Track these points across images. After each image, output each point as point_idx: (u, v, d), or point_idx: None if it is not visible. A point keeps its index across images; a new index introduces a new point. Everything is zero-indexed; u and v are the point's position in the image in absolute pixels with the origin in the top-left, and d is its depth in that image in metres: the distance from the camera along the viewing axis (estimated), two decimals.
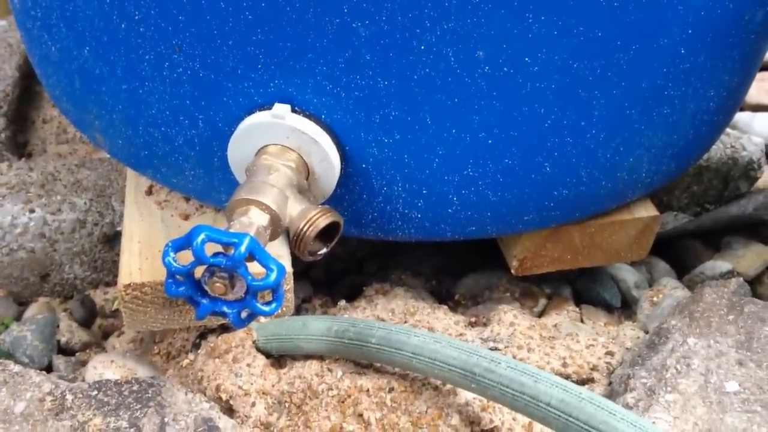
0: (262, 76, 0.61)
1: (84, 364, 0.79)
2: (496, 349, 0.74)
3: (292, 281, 0.72)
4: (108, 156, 0.94)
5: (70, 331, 0.82)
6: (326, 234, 0.61)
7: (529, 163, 0.66)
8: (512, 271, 0.80)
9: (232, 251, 0.52)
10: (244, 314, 0.57)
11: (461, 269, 0.91)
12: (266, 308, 0.55)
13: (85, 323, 0.87)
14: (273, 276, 0.53)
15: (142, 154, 0.72)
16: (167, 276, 0.55)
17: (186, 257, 0.55)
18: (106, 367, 0.74)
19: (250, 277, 0.53)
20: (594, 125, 0.65)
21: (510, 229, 0.73)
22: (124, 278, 0.69)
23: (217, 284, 0.54)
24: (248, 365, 0.69)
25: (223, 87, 0.62)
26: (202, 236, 0.51)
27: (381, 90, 0.60)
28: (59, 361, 0.79)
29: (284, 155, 0.62)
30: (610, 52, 0.60)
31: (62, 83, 0.74)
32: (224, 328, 0.76)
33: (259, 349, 0.71)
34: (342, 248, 0.94)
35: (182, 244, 0.53)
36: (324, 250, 0.61)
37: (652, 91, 0.65)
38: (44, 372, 0.65)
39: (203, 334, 0.77)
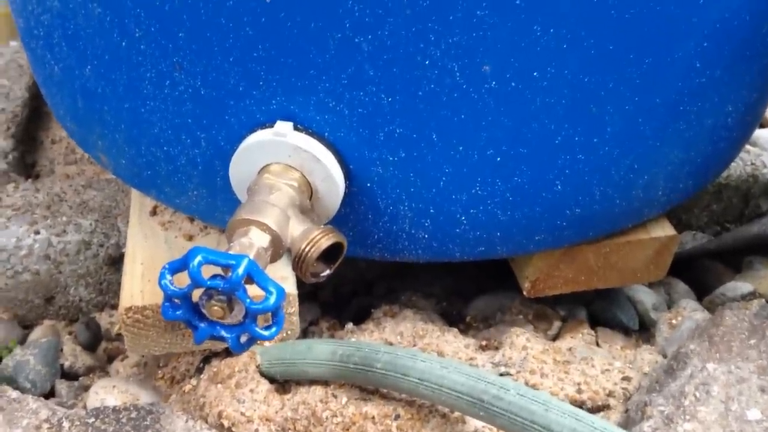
0: (264, 93, 0.59)
1: (87, 389, 0.78)
2: (507, 374, 0.71)
3: (296, 304, 0.70)
4: (115, 176, 0.93)
5: (73, 355, 0.81)
6: (330, 255, 0.59)
7: (539, 181, 0.64)
8: (525, 293, 0.78)
9: (230, 273, 0.50)
10: (243, 339, 0.55)
11: (473, 291, 0.89)
12: (266, 332, 0.53)
13: (90, 347, 0.85)
14: (272, 299, 0.51)
15: (146, 174, 0.71)
16: (164, 299, 0.53)
17: (184, 280, 0.53)
18: (108, 393, 0.73)
19: (248, 301, 0.51)
20: (607, 142, 0.63)
21: (521, 249, 0.71)
22: (125, 301, 0.67)
23: (215, 308, 0.52)
24: (251, 391, 0.67)
25: (224, 105, 0.61)
26: (198, 258, 0.50)
27: (385, 106, 0.58)
28: (62, 386, 0.77)
29: (286, 174, 0.61)
30: (622, 65, 0.58)
31: (66, 103, 0.73)
32: (229, 352, 0.74)
33: (263, 374, 0.69)
34: (350, 270, 0.92)
35: (179, 266, 0.51)
36: (327, 272, 0.59)
37: (667, 106, 0.63)
38: (42, 398, 0.63)
39: (207, 358, 0.76)
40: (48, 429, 0.59)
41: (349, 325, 0.78)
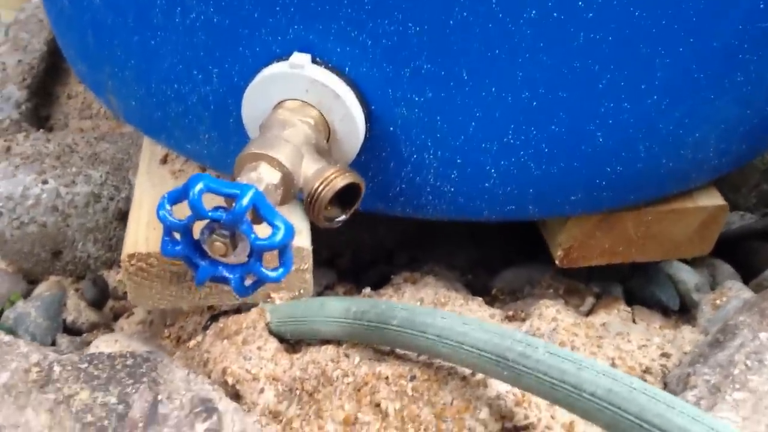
0: (280, 21, 0.55)
1: (89, 344, 0.74)
2: None
3: (310, 260, 0.65)
4: (129, 130, 0.89)
5: (77, 310, 0.77)
6: (345, 199, 0.55)
7: (578, 131, 0.58)
8: (556, 262, 0.72)
9: (234, 204, 0.46)
10: (248, 281, 0.50)
11: (499, 263, 0.84)
12: (272, 273, 0.48)
13: (96, 304, 0.82)
14: (280, 234, 0.46)
15: (155, 116, 0.67)
16: (164, 233, 0.49)
17: (185, 212, 0.49)
18: (109, 347, 0.69)
19: (253, 235, 0.46)
20: (655, 89, 0.57)
21: (555, 210, 0.66)
22: (128, 248, 0.63)
23: (217, 243, 0.47)
24: (259, 348, 0.63)
25: (238, 34, 0.57)
26: (199, 185, 0.45)
27: (411, 37, 0.53)
28: (63, 340, 0.74)
29: (303, 111, 0.56)
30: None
31: (76, 40, 0.69)
32: (238, 311, 0.70)
33: (272, 333, 0.65)
34: (369, 236, 0.88)
35: (179, 195, 0.47)
36: (343, 217, 0.55)
37: (725, 52, 0.57)
38: (35, 343, 0.59)
39: (216, 317, 0.71)
40: (38, 373, 0.54)
41: (367, 290, 0.73)
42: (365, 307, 0.58)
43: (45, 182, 0.80)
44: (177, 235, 0.49)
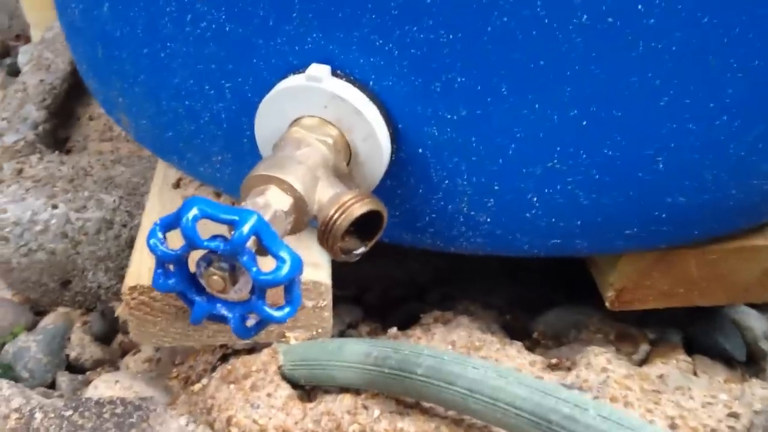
0: (298, 29, 0.49)
1: (90, 384, 0.68)
2: None
3: (329, 296, 0.59)
4: (149, 153, 0.84)
5: (80, 346, 0.71)
6: (365, 228, 0.48)
7: (635, 155, 0.51)
8: (607, 305, 0.65)
9: (233, 233, 0.39)
10: (250, 321, 0.44)
11: (541, 303, 0.76)
12: (277, 313, 0.41)
13: (104, 338, 0.76)
14: (285, 268, 0.40)
15: (167, 136, 0.61)
16: (156, 264, 0.43)
17: (181, 241, 0.43)
18: (108, 388, 0.63)
19: (255, 269, 0.40)
20: (726, 108, 0.49)
21: (606, 246, 0.58)
22: (130, 279, 0.57)
23: (215, 277, 0.41)
24: (269, 395, 0.56)
25: (252, 45, 0.51)
26: (194, 211, 0.39)
27: (443, 46, 0.47)
28: (63, 378, 0.68)
29: (320, 129, 0.50)
30: (753, 4, 0.45)
31: (87, 53, 0.65)
32: (251, 351, 0.64)
33: (285, 377, 0.58)
34: (400, 271, 0.81)
35: (173, 222, 0.40)
36: (362, 249, 0.48)
37: None
38: (20, 385, 0.53)
39: (226, 357, 0.65)
40: (17, 420, 0.49)
41: (393, 330, 0.66)
42: (387, 353, 0.51)
43: (55, 207, 0.75)
44: (170, 267, 0.42)
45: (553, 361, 0.65)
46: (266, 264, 0.42)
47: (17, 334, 0.73)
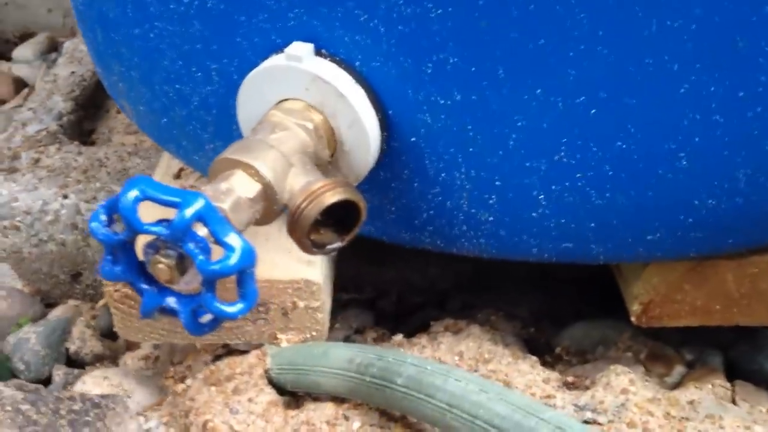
0: (279, 3, 0.45)
1: None
2: (594, 422, 0.52)
3: (323, 296, 0.55)
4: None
5: (81, 339, 0.69)
6: (345, 221, 0.44)
7: (653, 150, 0.45)
8: (632, 319, 0.59)
9: (176, 216, 0.36)
10: (206, 318, 0.40)
11: (569, 315, 0.70)
12: (229, 308, 0.38)
13: (112, 333, 0.74)
14: (234, 258, 0.36)
15: (162, 122, 0.59)
16: (105, 250, 0.39)
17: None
18: (96, 385, 0.60)
19: (201, 258, 0.36)
20: (759, 98, 0.43)
21: (626, 253, 0.52)
22: None
23: (160, 265, 0.38)
24: (250, 400, 0.52)
25: (234, 22, 0.48)
26: (134, 192, 0.36)
27: (433, 22, 0.42)
28: (59, 373, 0.66)
29: (301, 113, 0.46)
30: None
31: (90, 38, 0.63)
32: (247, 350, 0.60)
33: (271, 381, 0.54)
34: (419, 276, 0.76)
35: (115, 203, 0.37)
36: (337, 244, 0.44)
37: None
38: None
39: (220, 357, 0.61)
40: None
41: (398, 337, 0.61)
42: (370, 359, 0.47)
43: (65, 197, 0.73)
44: (117, 252, 0.39)
45: (570, 379, 0.59)
46: (219, 253, 0.38)
47: (22, 325, 0.71)
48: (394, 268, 0.76)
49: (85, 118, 0.90)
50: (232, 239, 0.36)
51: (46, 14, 1.40)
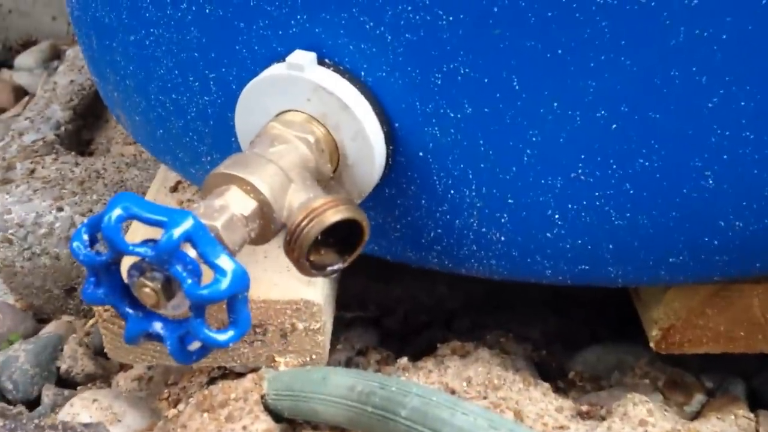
0: (280, 10, 0.43)
1: None
2: None
3: (323, 318, 0.52)
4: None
5: (72, 358, 0.66)
6: (348, 241, 0.41)
7: (678, 168, 0.42)
8: (651, 345, 0.56)
9: (162, 236, 0.33)
10: (194, 345, 0.37)
11: (583, 339, 0.67)
12: (219, 336, 0.35)
13: (104, 351, 0.71)
14: (225, 282, 0.33)
15: (158, 134, 0.56)
16: (88, 272, 0.37)
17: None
18: (84, 408, 0.57)
19: (189, 281, 0.33)
20: None
21: (646, 276, 0.49)
22: None
23: (146, 289, 0.35)
24: (244, 428, 0.49)
25: (234, 29, 0.45)
26: (117, 211, 0.33)
27: (443, 30, 0.40)
28: (48, 393, 0.63)
29: (302, 126, 0.43)
30: None
31: (85, 45, 0.61)
32: (241, 374, 0.57)
33: (268, 408, 0.51)
34: (427, 294, 0.73)
35: (98, 222, 0.34)
36: (338, 266, 0.41)
37: None
38: None
39: (215, 380, 0.59)
40: None
41: (403, 361, 0.58)
42: (372, 388, 0.44)
43: (60, 209, 0.71)
44: (101, 274, 0.36)
45: (584, 408, 0.56)
46: (209, 276, 0.35)
47: (13, 342, 0.69)
48: (400, 286, 0.73)
49: (84, 127, 0.87)
50: (224, 262, 0.33)
51: (50, 22, 1.38)
